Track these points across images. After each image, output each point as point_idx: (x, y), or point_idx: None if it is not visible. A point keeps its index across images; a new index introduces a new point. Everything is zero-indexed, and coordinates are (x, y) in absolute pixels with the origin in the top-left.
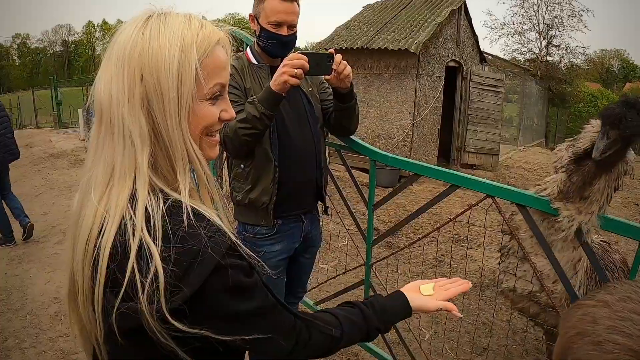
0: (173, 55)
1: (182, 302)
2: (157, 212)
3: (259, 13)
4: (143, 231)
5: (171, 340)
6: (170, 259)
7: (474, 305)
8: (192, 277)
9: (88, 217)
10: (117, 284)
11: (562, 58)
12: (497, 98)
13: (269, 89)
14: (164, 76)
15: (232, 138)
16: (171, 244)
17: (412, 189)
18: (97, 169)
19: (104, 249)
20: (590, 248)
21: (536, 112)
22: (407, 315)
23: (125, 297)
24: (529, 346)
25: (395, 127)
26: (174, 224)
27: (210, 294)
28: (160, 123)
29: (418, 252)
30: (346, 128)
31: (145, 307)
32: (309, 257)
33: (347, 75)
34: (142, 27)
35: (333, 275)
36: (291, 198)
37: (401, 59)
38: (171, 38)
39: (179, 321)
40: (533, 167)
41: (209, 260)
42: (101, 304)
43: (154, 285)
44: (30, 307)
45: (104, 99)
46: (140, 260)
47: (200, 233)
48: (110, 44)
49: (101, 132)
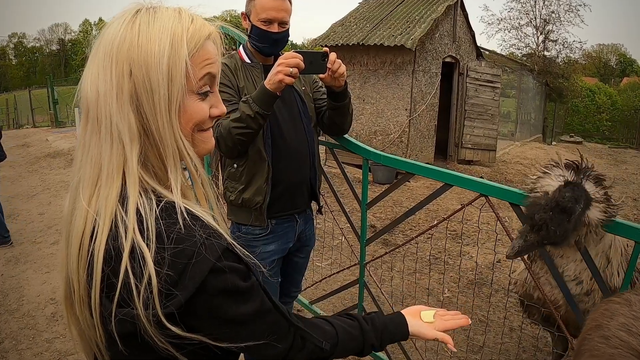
0: (163, 50)
1: (177, 307)
2: (150, 213)
3: (250, 11)
4: (135, 233)
5: (168, 344)
6: (164, 262)
7: (470, 302)
8: (187, 280)
9: (79, 219)
10: (112, 288)
11: (560, 53)
12: (494, 93)
13: (263, 88)
14: (154, 72)
15: (226, 137)
16: (165, 246)
17: (409, 185)
18: (84, 168)
19: (98, 252)
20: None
21: (533, 107)
22: (403, 338)
23: (121, 302)
24: (526, 344)
25: (392, 123)
26: (168, 226)
27: (206, 298)
28: (150, 120)
29: (414, 250)
30: (340, 127)
31: (142, 312)
32: (303, 256)
33: (342, 73)
34: (131, 21)
35: (328, 274)
36: (285, 198)
37: (397, 55)
38: (161, 32)
39: (176, 325)
40: (531, 162)
41: (204, 262)
42: (98, 309)
43: (148, 290)
44: (27, 308)
45: (90, 96)
46: (133, 263)
47: (195, 235)
48: (97, 39)
49: (87, 129)
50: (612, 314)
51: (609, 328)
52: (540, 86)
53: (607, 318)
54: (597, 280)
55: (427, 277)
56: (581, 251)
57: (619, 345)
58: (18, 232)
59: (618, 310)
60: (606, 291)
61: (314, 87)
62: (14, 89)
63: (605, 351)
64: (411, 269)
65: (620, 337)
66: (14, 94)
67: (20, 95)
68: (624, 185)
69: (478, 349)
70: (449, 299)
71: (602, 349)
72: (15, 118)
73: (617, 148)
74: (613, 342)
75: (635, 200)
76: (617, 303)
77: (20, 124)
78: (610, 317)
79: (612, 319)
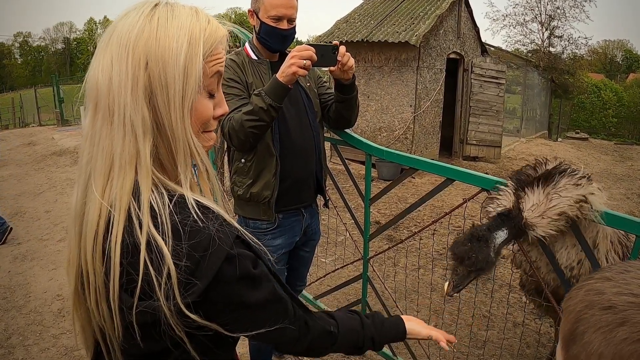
0: (181, 47)
1: (197, 295)
2: (163, 208)
3: (258, 8)
4: (150, 227)
5: (184, 333)
6: (182, 254)
7: (473, 298)
8: (205, 269)
9: (93, 212)
10: (131, 281)
11: (565, 49)
12: (499, 90)
13: (276, 81)
14: (171, 67)
15: (238, 130)
16: (182, 239)
17: (413, 181)
18: (96, 160)
19: (115, 246)
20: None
21: (539, 104)
22: (400, 337)
23: (142, 295)
24: (530, 339)
25: (397, 120)
26: (182, 219)
27: (222, 285)
28: (163, 115)
29: (418, 245)
30: (346, 119)
31: (164, 303)
32: (309, 250)
33: (351, 66)
34: (150, 15)
35: (332, 269)
36: (292, 192)
37: (402, 51)
38: (179, 29)
39: (195, 314)
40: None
41: (219, 251)
42: (117, 302)
43: (169, 282)
44: (34, 304)
45: (102, 84)
46: (151, 256)
47: (209, 225)
48: (109, 29)
49: (97, 119)
50: (599, 290)
51: (605, 300)
52: (545, 82)
53: (596, 295)
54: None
55: (431, 272)
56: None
57: (626, 307)
58: (25, 230)
59: (603, 286)
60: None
61: (318, 83)
62: (20, 87)
63: (614, 317)
64: (415, 264)
65: (623, 301)
66: (19, 92)
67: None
68: (630, 182)
69: (481, 344)
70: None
71: (608, 318)
72: (21, 117)
73: (623, 144)
74: (619, 308)
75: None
76: (595, 283)
77: (26, 122)
78: (599, 293)
79: (603, 293)
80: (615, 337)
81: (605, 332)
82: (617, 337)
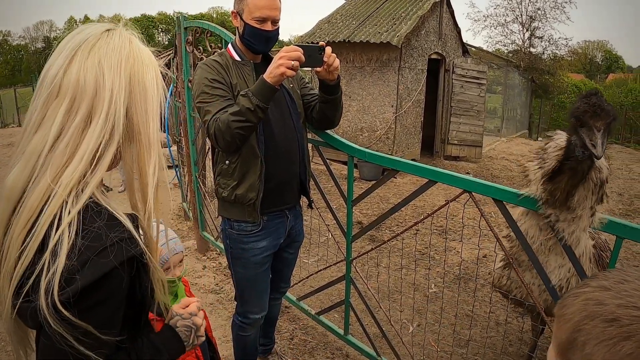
0: (153, 78)
1: (74, 293)
2: (74, 208)
3: (242, 10)
4: (69, 219)
5: (62, 329)
6: (75, 253)
7: (456, 297)
8: (87, 270)
9: (36, 196)
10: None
11: (545, 49)
12: (480, 90)
13: (263, 81)
14: (150, 87)
15: (224, 132)
16: (82, 240)
17: (395, 181)
18: (55, 150)
19: (42, 225)
20: (572, 252)
21: (519, 103)
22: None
23: (32, 287)
24: (512, 337)
25: (378, 120)
26: (90, 223)
27: (99, 294)
28: (140, 124)
29: (401, 245)
30: (330, 120)
31: (42, 297)
32: (293, 252)
33: (336, 67)
34: (127, 39)
35: (315, 270)
36: (276, 194)
37: (383, 52)
38: (150, 58)
39: (68, 311)
40: (516, 158)
41: (108, 261)
42: (16, 281)
43: (52, 278)
44: None
45: (89, 87)
46: (55, 248)
47: (109, 235)
48: (82, 34)
49: (74, 116)
50: (599, 300)
51: (608, 312)
52: (526, 82)
53: (597, 305)
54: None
55: (414, 272)
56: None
57: (632, 322)
58: None
59: (602, 296)
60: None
61: (301, 84)
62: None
63: (619, 331)
64: (398, 264)
65: (628, 314)
66: None
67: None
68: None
69: (465, 343)
70: (435, 294)
71: (612, 332)
72: (1, 117)
73: None
74: (624, 321)
75: (621, 195)
76: (593, 292)
77: (6, 123)
78: (599, 304)
79: (604, 304)
80: (620, 351)
81: (609, 346)
82: (622, 352)
